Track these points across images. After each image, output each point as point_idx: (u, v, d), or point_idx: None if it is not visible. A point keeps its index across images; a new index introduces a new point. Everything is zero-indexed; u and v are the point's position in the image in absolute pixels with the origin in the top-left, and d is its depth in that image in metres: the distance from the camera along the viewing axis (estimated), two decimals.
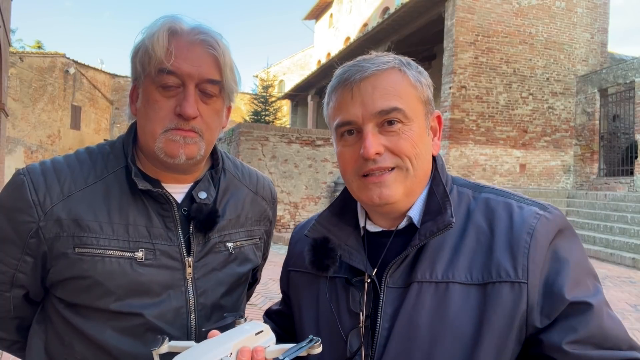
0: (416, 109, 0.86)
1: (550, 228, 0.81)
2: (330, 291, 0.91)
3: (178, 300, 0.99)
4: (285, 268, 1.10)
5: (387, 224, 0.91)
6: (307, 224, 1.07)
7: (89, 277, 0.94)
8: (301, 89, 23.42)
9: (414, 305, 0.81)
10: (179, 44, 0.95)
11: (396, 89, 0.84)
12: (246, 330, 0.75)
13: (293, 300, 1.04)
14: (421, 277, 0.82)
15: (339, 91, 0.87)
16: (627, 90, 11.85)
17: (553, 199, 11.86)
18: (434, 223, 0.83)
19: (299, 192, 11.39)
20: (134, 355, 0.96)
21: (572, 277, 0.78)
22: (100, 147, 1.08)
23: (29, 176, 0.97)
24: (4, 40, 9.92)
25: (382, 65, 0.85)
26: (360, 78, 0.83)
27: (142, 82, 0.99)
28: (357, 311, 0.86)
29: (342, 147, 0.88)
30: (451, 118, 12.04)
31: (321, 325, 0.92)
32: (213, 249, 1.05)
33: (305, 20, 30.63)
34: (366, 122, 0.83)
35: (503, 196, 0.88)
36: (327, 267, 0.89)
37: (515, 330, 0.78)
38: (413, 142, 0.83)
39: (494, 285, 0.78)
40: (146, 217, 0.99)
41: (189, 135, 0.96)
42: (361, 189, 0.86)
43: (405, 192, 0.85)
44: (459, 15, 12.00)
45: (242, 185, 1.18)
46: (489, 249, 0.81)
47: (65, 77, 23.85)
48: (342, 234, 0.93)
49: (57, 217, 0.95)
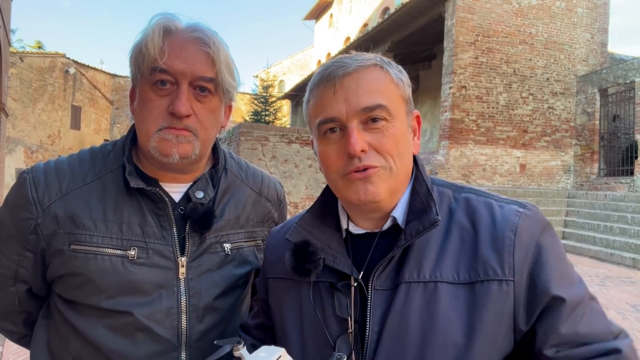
0: (399, 106, 0.85)
1: (532, 225, 0.82)
2: (315, 296, 0.88)
3: (169, 301, 0.98)
4: (262, 276, 1.05)
5: (370, 226, 0.89)
6: (283, 228, 1.04)
7: (81, 274, 0.95)
8: (301, 89, 23.41)
9: (403, 306, 0.79)
10: (173, 42, 0.94)
11: (379, 86, 0.83)
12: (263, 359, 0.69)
13: (274, 308, 0.98)
14: (409, 278, 0.81)
15: (321, 88, 0.84)
16: (627, 90, 11.85)
17: (553, 199, 11.86)
18: (419, 222, 0.82)
19: (299, 192, 11.39)
20: (123, 354, 0.96)
21: (556, 273, 0.79)
22: (102, 147, 1.09)
23: (32, 174, 1.00)
24: (4, 40, 9.92)
25: (364, 61, 0.84)
26: (343, 74, 0.82)
27: (138, 82, 0.99)
28: (345, 316, 0.83)
29: (325, 146, 0.85)
30: (451, 118, 12.04)
31: (306, 333, 0.88)
32: (209, 249, 1.04)
33: (305, 20, 30.64)
34: (350, 119, 0.81)
35: (483, 196, 0.89)
36: (309, 272, 0.86)
37: (504, 328, 0.78)
38: (396, 140, 0.83)
39: (482, 283, 0.78)
40: (141, 215, 0.99)
41: (182, 134, 0.95)
42: (346, 186, 0.84)
43: (389, 190, 0.83)
44: (459, 15, 12.00)
45: (245, 186, 1.16)
46: (474, 247, 0.81)
47: (65, 77, 23.84)
48: (325, 237, 0.90)
49: (54, 214, 0.96)
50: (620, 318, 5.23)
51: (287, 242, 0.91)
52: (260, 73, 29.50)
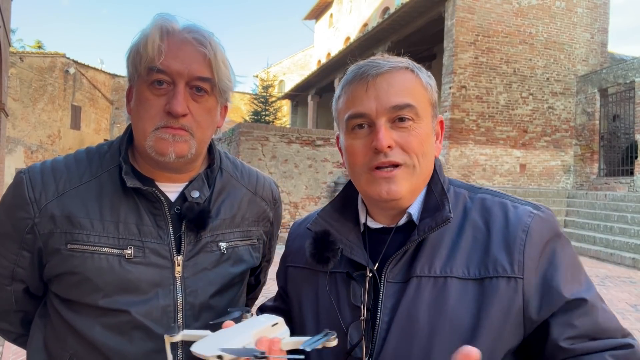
0: (426, 109, 0.89)
1: (545, 226, 0.85)
2: (330, 285, 0.93)
3: (166, 299, 0.99)
4: (283, 264, 1.11)
5: (387, 221, 0.94)
6: (305, 221, 1.09)
7: (78, 273, 0.96)
8: (301, 89, 23.43)
9: (413, 299, 0.83)
10: (170, 43, 0.95)
11: (409, 88, 0.87)
12: (262, 322, 0.75)
13: (292, 296, 1.04)
14: (420, 272, 0.84)
15: (353, 85, 0.88)
16: (627, 90, 11.84)
17: (553, 199, 11.86)
18: (432, 219, 0.86)
19: (299, 192, 11.39)
20: (121, 353, 0.96)
21: (567, 275, 0.83)
22: (99, 147, 1.10)
23: (28, 175, 1.01)
24: (4, 40, 9.92)
25: (397, 64, 0.88)
26: (376, 73, 0.86)
27: (135, 82, 0.99)
28: (359, 304, 0.87)
29: (352, 140, 0.89)
30: (451, 118, 12.04)
31: (321, 319, 0.93)
32: (204, 248, 1.05)
33: (305, 20, 30.64)
34: (379, 116, 0.85)
35: (498, 197, 0.92)
36: (327, 260, 0.90)
37: (511, 324, 0.80)
38: (421, 140, 0.86)
39: (491, 280, 0.81)
40: (137, 215, 1.00)
41: (179, 133, 0.96)
42: (370, 182, 0.88)
43: (410, 189, 0.87)
44: (459, 15, 12.00)
45: (240, 186, 1.17)
46: (485, 245, 0.84)
47: (65, 77, 23.85)
48: (344, 229, 0.95)
49: (51, 214, 0.97)
50: (620, 318, 5.21)
51: (308, 232, 0.96)
52: (260, 73, 29.53)
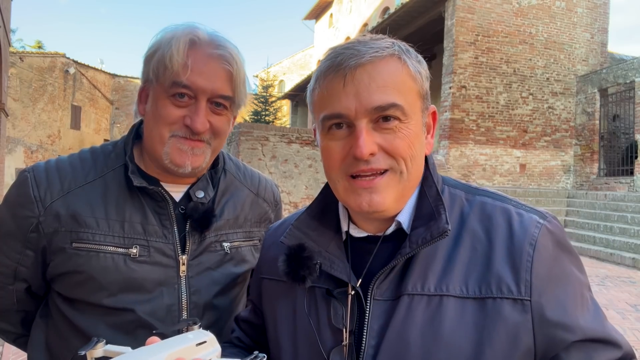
0: (414, 104, 0.76)
1: (553, 239, 0.75)
2: (310, 303, 0.81)
3: (170, 298, 1.00)
4: (256, 275, 0.99)
5: (373, 229, 0.81)
6: (281, 226, 0.97)
7: (84, 271, 0.96)
8: (301, 89, 23.42)
9: (403, 320, 0.72)
10: (196, 57, 0.95)
11: (395, 82, 0.73)
12: (188, 340, 0.70)
13: (266, 312, 0.92)
14: (412, 289, 0.73)
15: (330, 77, 0.74)
16: (627, 90, 11.85)
17: (553, 199, 11.87)
18: (426, 229, 0.74)
19: (299, 192, 11.39)
20: None
21: (578, 298, 0.75)
22: (103, 146, 1.10)
23: (33, 173, 1.01)
24: (4, 40, 9.92)
25: (380, 51, 0.73)
26: (355, 64, 0.72)
27: (153, 87, 0.99)
28: (340, 327, 0.76)
29: (329, 142, 0.76)
30: (451, 118, 12.04)
31: (299, 342, 0.82)
32: (208, 248, 1.06)
33: (305, 20, 30.63)
34: (360, 118, 0.72)
35: (500, 200, 0.80)
36: (303, 279, 0.78)
37: (520, 351, 0.71)
38: (409, 142, 0.74)
39: (495, 300, 0.71)
40: (142, 214, 1.00)
41: (197, 146, 0.98)
42: (348, 192, 0.76)
43: (396, 197, 0.76)
44: (459, 15, 12.00)
45: (243, 187, 1.19)
46: (486, 259, 0.74)
47: (65, 77, 23.84)
48: (322, 240, 0.82)
49: (56, 213, 0.98)
50: (620, 318, 5.23)
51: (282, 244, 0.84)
52: (260, 73, 29.52)
